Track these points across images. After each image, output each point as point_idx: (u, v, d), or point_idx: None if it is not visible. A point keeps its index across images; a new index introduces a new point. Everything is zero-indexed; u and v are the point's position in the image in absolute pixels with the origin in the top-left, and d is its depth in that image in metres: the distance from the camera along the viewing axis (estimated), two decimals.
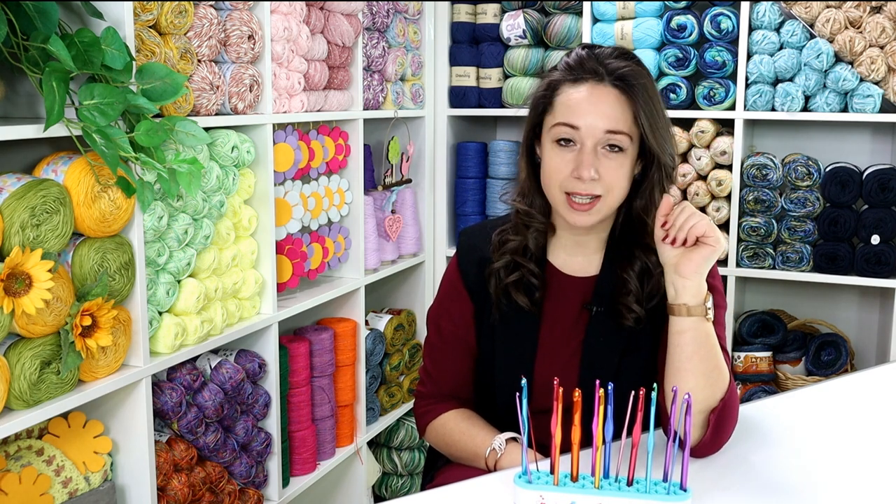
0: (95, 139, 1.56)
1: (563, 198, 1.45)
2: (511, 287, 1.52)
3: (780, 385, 2.93)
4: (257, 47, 2.10)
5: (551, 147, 1.46)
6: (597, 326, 1.51)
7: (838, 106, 2.71)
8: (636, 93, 1.42)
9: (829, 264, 2.78)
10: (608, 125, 1.41)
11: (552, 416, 1.15)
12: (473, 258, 1.58)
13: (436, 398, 1.62)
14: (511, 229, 1.56)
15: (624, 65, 1.44)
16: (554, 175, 1.45)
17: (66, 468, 1.72)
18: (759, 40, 2.75)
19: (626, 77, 1.43)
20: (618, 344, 1.50)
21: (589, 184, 1.42)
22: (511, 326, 1.54)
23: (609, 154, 1.43)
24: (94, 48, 1.56)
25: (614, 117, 1.42)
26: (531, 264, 1.52)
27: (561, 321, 1.53)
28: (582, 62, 1.46)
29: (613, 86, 1.43)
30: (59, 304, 1.57)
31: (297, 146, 2.35)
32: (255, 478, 2.23)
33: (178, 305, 1.94)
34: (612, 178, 1.43)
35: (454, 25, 3.17)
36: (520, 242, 1.54)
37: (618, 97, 1.42)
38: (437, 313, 1.64)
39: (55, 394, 1.62)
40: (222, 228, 2.06)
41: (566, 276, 1.55)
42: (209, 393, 2.04)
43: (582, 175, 1.42)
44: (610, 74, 1.43)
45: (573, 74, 1.45)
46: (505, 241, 1.56)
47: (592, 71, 1.43)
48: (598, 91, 1.43)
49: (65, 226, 1.57)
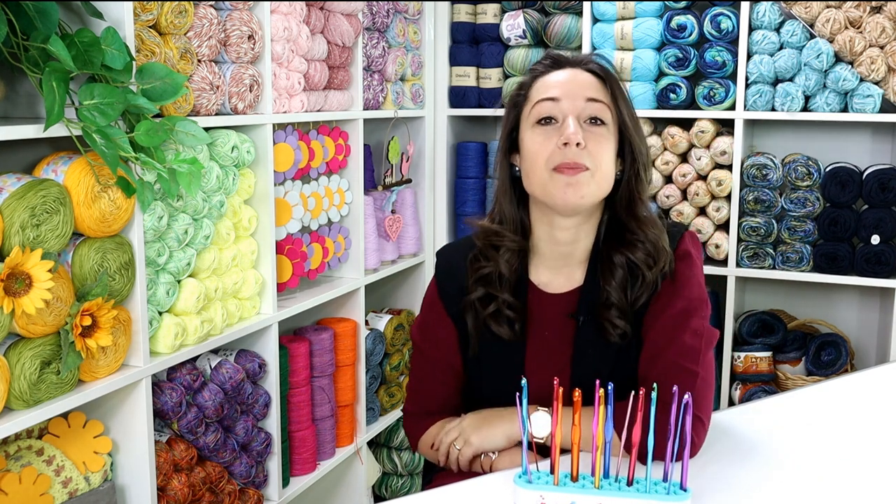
0: (95, 139, 1.57)
1: (550, 174, 1.41)
2: (490, 319, 1.49)
3: (780, 385, 2.93)
4: (257, 47, 2.10)
5: (532, 131, 1.45)
6: (584, 342, 1.46)
7: (838, 106, 2.71)
8: (612, 80, 1.47)
9: (829, 264, 2.79)
10: (589, 94, 1.43)
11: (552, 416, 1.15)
12: (453, 285, 1.54)
13: (423, 416, 1.60)
14: (480, 255, 1.52)
15: (589, 57, 1.50)
16: (540, 153, 1.42)
17: (66, 468, 1.72)
18: (759, 40, 2.75)
19: (596, 63, 1.48)
20: (607, 357, 1.45)
21: (576, 151, 1.39)
22: (495, 354, 1.51)
23: (591, 127, 1.43)
24: (94, 48, 1.56)
25: (593, 89, 1.44)
26: (505, 294, 1.48)
27: (547, 342, 1.48)
28: (553, 59, 1.51)
29: (589, 71, 1.47)
30: (59, 304, 1.57)
31: (297, 146, 2.35)
32: (255, 478, 2.23)
33: (178, 305, 1.94)
34: (598, 151, 1.41)
35: (454, 25, 3.17)
36: (492, 269, 1.50)
37: (592, 78, 1.46)
38: (421, 336, 1.60)
39: (55, 394, 1.62)
40: (222, 228, 2.06)
41: (549, 294, 1.50)
42: (209, 393, 2.04)
43: (570, 138, 1.38)
44: (582, 63, 1.48)
45: (546, 68, 1.49)
46: (478, 268, 1.51)
47: (565, 61, 1.49)
48: (573, 72, 1.47)
49: (65, 226, 1.57)
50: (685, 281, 1.44)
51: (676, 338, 1.41)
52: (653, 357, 1.42)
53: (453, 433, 1.48)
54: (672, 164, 2.91)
